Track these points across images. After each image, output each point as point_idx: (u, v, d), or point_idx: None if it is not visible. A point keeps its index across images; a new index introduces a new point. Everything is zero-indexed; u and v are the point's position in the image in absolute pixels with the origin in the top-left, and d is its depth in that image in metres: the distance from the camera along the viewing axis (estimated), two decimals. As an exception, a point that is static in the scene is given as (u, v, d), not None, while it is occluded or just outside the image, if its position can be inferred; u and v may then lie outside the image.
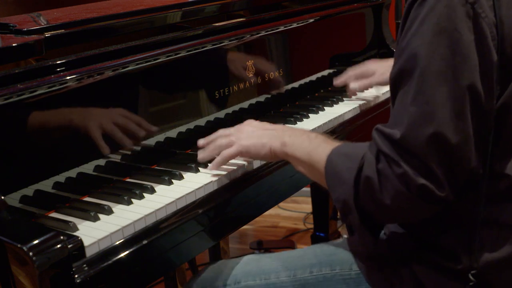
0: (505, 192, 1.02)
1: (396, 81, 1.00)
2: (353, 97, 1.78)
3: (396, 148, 0.97)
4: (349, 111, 1.69)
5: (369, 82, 1.72)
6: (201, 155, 1.30)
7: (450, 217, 1.06)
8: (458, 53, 0.94)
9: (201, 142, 1.34)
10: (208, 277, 1.27)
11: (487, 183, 1.02)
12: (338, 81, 1.76)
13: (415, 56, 0.95)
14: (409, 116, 0.96)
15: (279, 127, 1.28)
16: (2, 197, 1.03)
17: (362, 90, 1.77)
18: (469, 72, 0.94)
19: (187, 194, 1.20)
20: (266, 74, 1.65)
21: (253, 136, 1.25)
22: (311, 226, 2.63)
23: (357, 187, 1.01)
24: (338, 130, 1.63)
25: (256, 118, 1.61)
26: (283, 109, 1.72)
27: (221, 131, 1.32)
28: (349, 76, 1.75)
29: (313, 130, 1.55)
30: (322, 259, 1.24)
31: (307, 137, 1.19)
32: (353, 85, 1.74)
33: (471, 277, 1.04)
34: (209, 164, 1.30)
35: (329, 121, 1.62)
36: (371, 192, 0.99)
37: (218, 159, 1.27)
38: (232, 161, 1.31)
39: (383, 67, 1.71)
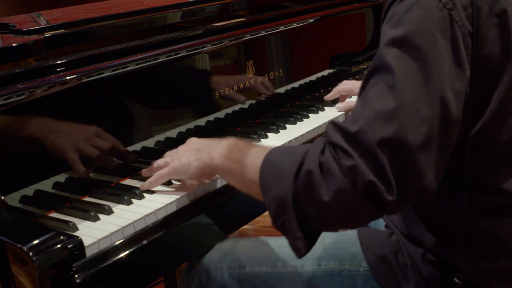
0: (501, 206, 1.01)
1: (366, 79, 0.96)
2: (353, 97, 1.78)
3: (349, 140, 0.90)
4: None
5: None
6: (143, 187, 1.23)
7: (438, 228, 1.06)
8: (431, 56, 0.90)
9: (143, 170, 1.29)
10: (214, 257, 1.23)
11: (481, 200, 1.00)
12: (328, 96, 1.73)
13: (387, 56, 0.92)
14: (370, 111, 0.90)
15: (205, 142, 1.20)
16: (2, 197, 1.03)
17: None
18: (440, 77, 0.90)
19: (187, 193, 1.20)
20: (266, 74, 1.65)
21: (183, 156, 1.20)
22: (311, 226, 2.63)
23: (296, 182, 0.93)
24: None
25: (256, 118, 1.62)
26: (283, 109, 1.72)
27: (166, 153, 1.27)
28: (338, 92, 1.73)
29: (313, 130, 1.55)
30: (331, 252, 1.20)
31: (235, 145, 1.12)
32: (338, 105, 1.70)
33: (456, 280, 1.03)
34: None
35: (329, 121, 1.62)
36: (310, 187, 0.91)
37: (151, 179, 1.22)
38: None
39: None
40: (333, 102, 1.74)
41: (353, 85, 1.71)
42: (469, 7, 0.93)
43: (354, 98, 1.73)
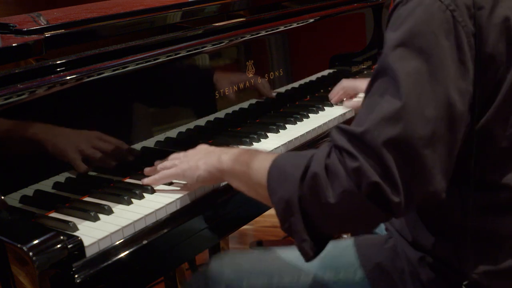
0: (504, 203, 1.01)
1: (371, 81, 0.97)
2: (361, 94, 1.77)
3: (355, 142, 0.90)
4: (349, 111, 1.69)
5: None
6: (146, 180, 1.25)
7: (440, 227, 1.05)
8: (434, 57, 0.91)
9: (147, 169, 1.30)
10: (212, 272, 1.24)
11: (480, 196, 1.00)
12: (334, 99, 1.73)
13: (392, 57, 0.93)
14: (375, 113, 0.90)
15: (217, 148, 1.21)
16: (2, 197, 1.03)
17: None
18: (444, 78, 0.91)
19: (187, 193, 1.20)
20: (266, 74, 1.65)
21: (193, 159, 1.20)
22: (311, 226, 2.63)
23: (302, 185, 0.94)
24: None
25: (256, 118, 1.62)
26: (283, 109, 1.72)
27: (172, 155, 1.28)
28: (343, 89, 1.72)
29: (313, 130, 1.56)
30: (327, 262, 1.19)
31: (246, 152, 1.13)
32: (347, 103, 1.71)
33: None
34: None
35: (330, 121, 1.62)
36: (316, 190, 0.92)
37: (155, 176, 1.23)
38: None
39: None
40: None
41: (355, 82, 1.72)
42: (471, 7, 0.93)
43: (361, 95, 1.73)
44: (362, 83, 1.68)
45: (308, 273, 1.20)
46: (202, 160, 1.18)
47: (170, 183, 1.24)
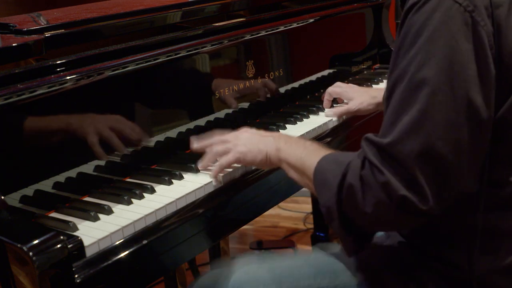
0: (509, 200, 1.01)
1: (391, 90, 0.98)
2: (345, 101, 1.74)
3: (382, 155, 0.95)
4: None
5: (346, 109, 1.63)
6: (200, 164, 1.30)
7: (448, 226, 1.05)
8: (455, 62, 0.91)
9: (194, 145, 1.33)
10: (211, 282, 1.24)
11: (486, 192, 1.00)
12: (324, 104, 1.70)
13: (411, 65, 0.93)
14: (400, 124, 0.93)
15: (275, 134, 1.28)
16: (2, 197, 1.03)
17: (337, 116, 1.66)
18: (466, 82, 0.91)
19: (187, 194, 1.20)
20: (266, 74, 1.65)
21: (250, 142, 1.24)
22: (311, 226, 2.63)
23: (340, 194, 1.00)
24: (338, 131, 1.62)
25: (256, 118, 1.62)
26: (283, 109, 1.72)
27: (217, 137, 1.31)
28: (329, 95, 1.68)
29: (313, 130, 1.56)
30: (325, 267, 1.20)
31: (302, 144, 1.19)
32: (327, 112, 1.66)
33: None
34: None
35: (329, 121, 1.62)
36: (353, 199, 0.98)
37: (216, 167, 1.26)
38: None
39: (362, 97, 1.63)
40: (333, 102, 1.73)
41: (343, 88, 1.68)
42: (489, 7, 0.94)
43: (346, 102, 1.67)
44: (348, 91, 1.66)
45: (307, 278, 1.20)
46: (261, 144, 1.23)
47: (170, 182, 1.24)
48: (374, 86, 1.92)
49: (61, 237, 0.95)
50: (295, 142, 1.21)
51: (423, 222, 0.99)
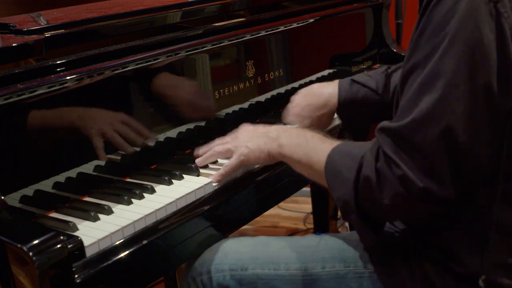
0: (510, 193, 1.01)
1: (408, 75, 0.98)
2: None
3: (398, 144, 0.95)
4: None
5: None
6: (198, 163, 1.30)
7: (461, 219, 1.05)
8: (477, 52, 0.92)
9: (199, 152, 1.33)
10: (215, 258, 1.21)
11: (502, 186, 1.00)
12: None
13: (432, 53, 0.94)
14: (418, 110, 0.94)
15: (273, 128, 1.26)
16: (2, 197, 1.03)
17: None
18: (486, 71, 0.93)
19: (187, 194, 1.20)
20: (266, 74, 1.65)
21: (250, 142, 1.24)
22: (311, 226, 2.63)
23: (356, 187, 1.01)
24: (339, 129, 1.62)
25: (256, 118, 1.62)
26: (283, 109, 1.72)
27: (218, 140, 1.31)
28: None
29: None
30: (335, 254, 1.19)
31: (303, 137, 1.18)
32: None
33: (481, 283, 1.03)
34: (209, 165, 1.31)
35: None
36: (370, 192, 0.99)
37: (221, 171, 1.26)
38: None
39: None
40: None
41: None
42: None
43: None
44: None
45: (316, 263, 1.19)
46: (262, 141, 1.22)
47: (170, 182, 1.24)
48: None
49: (61, 237, 0.95)
50: (296, 135, 1.20)
51: (442, 210, 0.99)
